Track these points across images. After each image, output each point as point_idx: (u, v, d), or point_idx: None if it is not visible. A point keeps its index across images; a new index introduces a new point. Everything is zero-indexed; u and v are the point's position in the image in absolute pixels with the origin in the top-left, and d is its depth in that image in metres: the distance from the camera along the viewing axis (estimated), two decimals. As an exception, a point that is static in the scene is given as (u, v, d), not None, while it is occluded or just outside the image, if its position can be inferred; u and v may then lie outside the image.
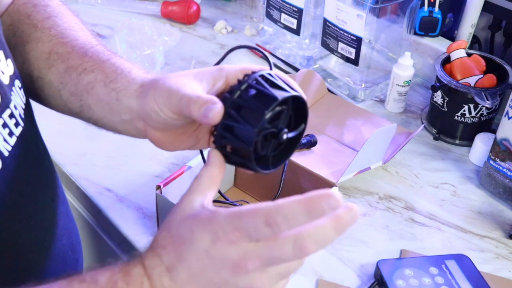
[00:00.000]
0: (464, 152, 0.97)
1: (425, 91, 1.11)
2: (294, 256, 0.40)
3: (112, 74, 0.56)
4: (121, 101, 0.55)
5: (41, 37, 0.60)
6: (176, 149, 0.56)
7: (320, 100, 1.05)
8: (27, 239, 0.54)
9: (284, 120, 0.50)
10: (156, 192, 0.72)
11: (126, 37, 1.15)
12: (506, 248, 0.80)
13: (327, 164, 0.89)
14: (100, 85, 0.56)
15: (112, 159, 0.91)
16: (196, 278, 0.42)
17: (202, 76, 0.51)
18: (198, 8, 1.30)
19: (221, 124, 0.48)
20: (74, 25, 0.62)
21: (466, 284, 0.71)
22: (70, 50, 0.59)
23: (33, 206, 0.56)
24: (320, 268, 0.75)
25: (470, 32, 1.07)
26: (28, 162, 0.54)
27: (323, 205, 0.39)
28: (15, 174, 0.51)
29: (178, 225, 0.44)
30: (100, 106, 0.57)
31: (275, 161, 0.52)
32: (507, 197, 0.86)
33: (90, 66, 0.57)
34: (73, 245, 0.65)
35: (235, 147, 0.49)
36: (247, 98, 0.48)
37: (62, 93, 0.59)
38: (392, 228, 0.82)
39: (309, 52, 1.16)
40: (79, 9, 1.32)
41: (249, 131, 0.47)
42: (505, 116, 0.83)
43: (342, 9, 1.01)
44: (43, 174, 0.59)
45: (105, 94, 0.55)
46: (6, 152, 0.50)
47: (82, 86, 0.57)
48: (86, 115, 0.59)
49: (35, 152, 0.57)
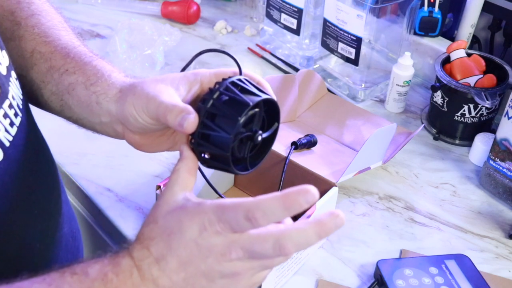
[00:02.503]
0: (464, 152, 0.97)
1: (425, 91, 1.11)
2: (273, 254, 0.42)
3: (93, 77, 0.57)
4: (100, 105, 0.56)
5: (24, 35, 0.60)
6: (154, 151, 0.58)
7: (320, 100, 1.05)
8: (31, 227, 0.55)
9: (258, 122, 0.52)
10: (156, 192, 0.72)
11: (126, 37, 1.15)
12: (506, 248, 0.80)
13: (327, 164, 0.89)
14: (81, 87, 0.57)
15: (112, 159, 0.91)
16: (184, 267, 0.44)
17: (179, 82, 0.53)
18: (198, 8, 1.30)
19: (197, 133, 0.50)
20: (57, 23, 0.63)
21: (466, 284, 0.71)
22: (52, 50, 0.59)
23: (36, 195, 0.56)
24: (320, 268, 0.76)
25: (470, 32, 1.07)
26: (29, 152, 0.55)
27: (300, 200, 0.41)
28: (17, 164, 0.52)
29: (165, 217, 0.46)
30: (80, 107, 0.58)
31: (253, 161, 0.54)
32: (507, 197, 0.86)
33: (72, 67, 0.58)
34: (73, 233, 0.66)
35: (213, 154, 0.51)
36: (220, 106, 0.49)
37: (43, 92, 0.60)
38: (392, 228, 0.82)
39: (309, 52, 1.16)
40: (79, 9, 1.32)
41: (225, 138, 0.49)
42: (505, 116, 0.83)
43: (342, 9, 1.01)
44: (43, 163, 0.60)
45: (86, 97, 0.57)
46: (8, 142, 0.51)
47: (63, 86, 0.58)
48: (67, 115, 0.60)
49: (35, 142, 0.58)
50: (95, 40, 1.22)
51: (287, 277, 0.73)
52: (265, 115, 0.53)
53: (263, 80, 0.54)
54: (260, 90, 0.52)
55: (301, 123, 0.99)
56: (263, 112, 0.52)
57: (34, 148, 0.57)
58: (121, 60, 1.11)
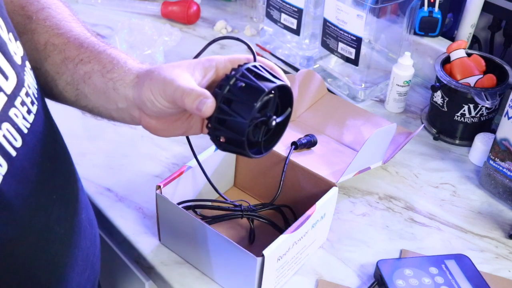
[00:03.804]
0: (464, 152, 0.97)
1: (425, 91, 1.11)
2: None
3: (109, 65, 0.59)
4: (117, 91, 0.58)
5: (36, 29, 0.61)
6: (170, 135, 0.60)
7: (320, 100, 1.05)
8: (51, 213, 0.55)
9: (272, 108, 0.54)
10: (156, 192, 0.72)
11: (126, 37, 1.15)
12: (506, 248, 0.80)
13: (327, 164, 0.89)
14: (97, 75, 0.59)
15: (112, 159, 0.91)
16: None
17: (194, 67, 0.55)
18: (198, 8, 1.30)
19: (214, 118, 0.52)
20: (67, 16, 0.64)
21: (466, 284, 0.71)
22: (65, 41, 0.61)
23: (53, 181, 0.57)
24: (320, 268, 0.76)
25: (470, 32, 1.07)
26: (46, 139, 0.56)
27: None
28: (35, 151, 0.53)
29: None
30: (96, 95, 0.59)
31: (267, 145, 0.56)
32: (507, 197, 0.86)
33: (86, 57, 0.59)
34: (90, 220, 0.67)
35: (229, 138, 0.53)
36: (237, 92, 0.52)
37: (57, 83, 0.61)
38: (392, 228, 0.82)
39: (309, 52, 1.16)
40: (79, 9, 1.32)
41: (241, 123, 0.51)
42: (505, 116, 0.83)
43: (342, 9, 1.01)
44: (59, 150, 0.61)
45: (102, 84, 0.58)
46: (26, 129, 0.51)
47: (78, 76, 0.59)
48: (82, 104, 0.62)
49: (50, 130, 0.58)
50: (95, 40, 1.22)
51: (287, 277, 0.73)
52: (278, 100, 0.55)
53: (276, 67, 0.56)
54: (274, 76, 0.53)
55: (301, 123, 0.99)
56: (277, 97, 0.54)
57: (49, 135, 0.58)
58: (121, 60, 1.11)
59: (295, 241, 0.69)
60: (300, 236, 0.69)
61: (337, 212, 0.83)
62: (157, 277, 0.75)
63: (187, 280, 0.73)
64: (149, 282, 0.80)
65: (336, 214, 0.83)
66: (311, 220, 0.70)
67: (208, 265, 0.72)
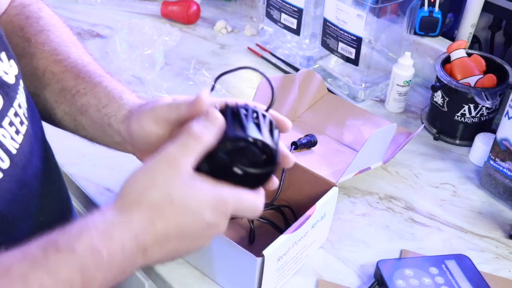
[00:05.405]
0: (464, 152, 0.97)
1: (425, 91, 1.11)
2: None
3: (104, 99, 0.58)
4: (112, 126, 0.58)
5: (35, 53, 0.61)
6: None
7: (320, 100, 1.05)
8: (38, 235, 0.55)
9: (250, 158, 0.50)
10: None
11: (126, 37, 1.15)
12: (506, 248, 0.80)
13: (327, 164, 0.89)
14: (93, 109, 0.59)
15: (112, 159, 0.91)
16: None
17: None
18: (198, 8, 1.30)
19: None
20: (66, 39, 0.64)
21: (466, 284, 0.71)
22: (63, 70, 0.60)
23: (42, 202, 0.56)
24: (320, 268, 0.75)
25: (470, 32, 1.07)
26: (35, 160, 0.55)
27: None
28: (24, 171, 0.52)
29: (183, 195, 0.46)
30: (94, 127, 0.60)
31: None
32: (507, 197, 0.86)
33: (83, 88, 0.59)
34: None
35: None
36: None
37: (56, 112, 0.61)
38: (392, 228, 0.82)
39: (309, 52, 1.16)
40: (79, 9, 1.32)
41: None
42: (505, 116, 0.83)
43: (342, 9, 1.01)
44: (49, 170, 0.61)
45: (98, 118, 0.58)
46: (14, 150, 0.51)
47: (76, 107, 0.59)
48: (81, 134, 0.62)
49: (41, 150, 0.58)
50: (95, 40, 1.22)
51: (287, 277, 0.72)
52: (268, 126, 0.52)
53: (284, 119, 0.54)
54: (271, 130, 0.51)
55: (301, 123, 0.99)
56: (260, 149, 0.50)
57: (40, 155, 0.57)
58: (121, 60, 1.11)
59: (295, 241, 0.69)
60: (300, 236, 0.69)
61: (337, 212, 0.83)
62: (157, 277, 0.75)
63: (187, 280, 0.73)
64: (149, 282, 0.80)
65: (336, 214, 0.83)
66: (311, 220, 0.70)
67: (208, 265, 0.72)
